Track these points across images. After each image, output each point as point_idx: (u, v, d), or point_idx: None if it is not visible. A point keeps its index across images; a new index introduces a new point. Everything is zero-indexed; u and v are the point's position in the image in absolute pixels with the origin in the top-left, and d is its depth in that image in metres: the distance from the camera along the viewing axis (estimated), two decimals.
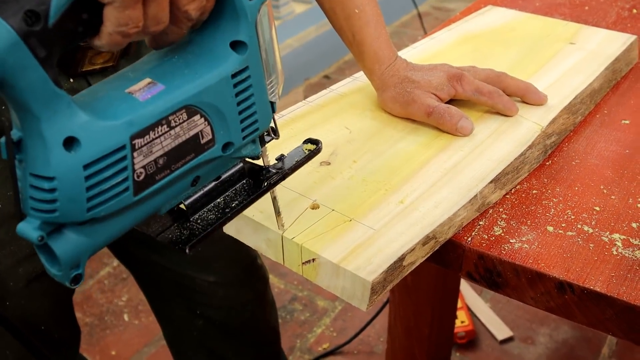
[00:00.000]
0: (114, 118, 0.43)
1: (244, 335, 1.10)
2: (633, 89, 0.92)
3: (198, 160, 0.48)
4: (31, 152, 0.40)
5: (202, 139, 0.48)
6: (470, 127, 0.76)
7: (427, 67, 0.81)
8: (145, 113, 0.44)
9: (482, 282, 0.65)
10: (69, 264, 0.43)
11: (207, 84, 0.47)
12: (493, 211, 0.68)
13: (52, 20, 0.38)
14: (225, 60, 0.48)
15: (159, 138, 0.45)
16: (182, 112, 0.46)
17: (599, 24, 1.08)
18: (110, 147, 0.42)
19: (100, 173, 0.42)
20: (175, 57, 0.48)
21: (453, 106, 0.77)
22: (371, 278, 0.55)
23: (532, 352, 1.63)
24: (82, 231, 0.43)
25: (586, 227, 0.66)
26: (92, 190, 0.42)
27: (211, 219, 0.52)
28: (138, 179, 0.44)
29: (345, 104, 0.84)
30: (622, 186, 0.71)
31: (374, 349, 1.66)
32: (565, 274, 0.60)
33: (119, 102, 0.44)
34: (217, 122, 0.49)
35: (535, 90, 0.81)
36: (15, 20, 0.36)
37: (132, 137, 0.43)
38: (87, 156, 0.41)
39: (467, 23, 1.07)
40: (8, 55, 0.36)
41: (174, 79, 0.46)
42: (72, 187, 0.41)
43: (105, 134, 0.42)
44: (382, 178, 0.69)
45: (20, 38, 0.37)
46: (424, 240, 0.61)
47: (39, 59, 0.38)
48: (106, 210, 0.43)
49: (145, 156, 0.45)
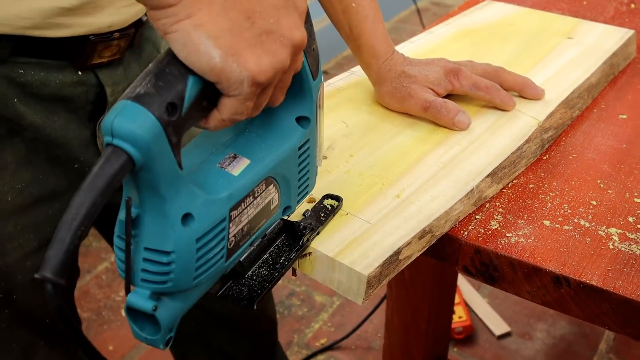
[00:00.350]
0: (216, 192, 0.47)
1: (242, 325, 1.10)
2: (630, 83, 0.92)
3: (267, 224, 0.53)
4: (150, 228, 0.43)
5: (272, 205, 0.53)
6: (467, 122, 0.75)
7: (424, 61, 0.80)
8: (240, 186, 0.48)
9: (478, 276, 0.65)
10: (168, 328, 0.46)
11: (282, 157, 0.52)
12: (490, 205, 0.68)
13: (185, 110, 0.42)
14: (293, 134, 0.53)
15: (247, 208, 0.50)
16: (262, 183, 0.51)
17: (597, 19, 1.08)
18: (215, 220, 0.46)
19: (207, 244, 0.46)
20: (247, 131, 0.53)
21: (450, 101, 0.77)
22: (367, 272, 0.55)
23: (530, 348, 1.64)
24: (179, 298, 0.46)
25: (583, 221, 0.65)
26: (200, 260, 0.46)
27: (265, 275, 0.55)
28: (230, 247, 0.49)
29: (342, 98, 0.84)
30: (619, 180, 0.71)
31: (372, 344, 1.66)
32: (562, 268, 0.60)
33: (217, 177, 0.48)
34: (283, 189, 0.54)
35: (533, 84, 0.81)
36: (160, 112, 0.40)
37: (231, 209, 0.48)
38: (199, 230, 0.45)
39: (465, 17, 1.07)
40: (153, 144, 0.40)
41: (254, 153, 0.51)
42: (185, 260, 0.44)
43: (211, 208, 0.46)
44: (378, 172, 0.69)
45: (162, 128, 0.40)
46: (420, 234, 0.61)
47: (171, 145, 0.41)
48: (206, 277, 0.47)
49: (236, 225, 0.49)
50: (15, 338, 0.81)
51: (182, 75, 0.42)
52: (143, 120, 0.39)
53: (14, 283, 0.77)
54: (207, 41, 0.42)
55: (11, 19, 0.67)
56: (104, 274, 1.87)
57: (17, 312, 0.80)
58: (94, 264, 1.90)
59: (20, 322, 0.81)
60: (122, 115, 0.39)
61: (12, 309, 0.79)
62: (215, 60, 0.42)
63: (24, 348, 0.82)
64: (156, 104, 0.40)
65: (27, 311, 0.80)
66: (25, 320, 0.81)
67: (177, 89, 0.41)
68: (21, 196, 0.75)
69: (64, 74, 0.74)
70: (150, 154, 0.40)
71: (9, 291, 0.78)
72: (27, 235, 0.77)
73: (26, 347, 0.83)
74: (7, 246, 0.75)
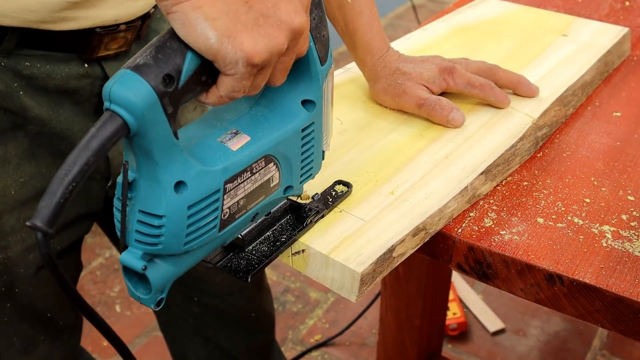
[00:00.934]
0: (212, 164, 0.49)
1: (241, 322, 1.10)
2: (625, 81, 0.92)
3: (266, 201, 0.55)
4: (144, 192, 0.46)
5: (272, 183, 0.55)
6: (461, 119, 0.75)
7: (418, 59, 0.80)
8: (237, 161, 0.50)
9: (472, 273, 0.65)
10: (158, 289, 0.49)
11: (283, 137, 0.54)
12: (483, 202, 0.68)
13: (182, 83, 0.45)
14: (298, 116, 0.55)
15: (243, 183, 0.52)
16: (262, 160, 0.53)
17: (592, 16, 1.08)
18: (209, 190, 0.48)
19: (198, 213, 0.48)
20: (253, 110, 0.55)
21: (444, 98, 0.77)
22: (360, 269, 0.55)
23: (524, 344, 1.64)
24: (171, 261, 0.49)
25: (576, 219, 0.66)
26: (191, 227, 0.48)
27: (264, 251, 0.57)
28: (224, 218, 0.51)
29: (337, 95, 0.84)
30: (613, 178, 0.71)
31: (366, 340, 1.67)
32: (555, 266, 0.60)
33: (214, 149, 0.50)
34: (284, 168, 0.56)
35: (527, 82, 0.81)
36: (156, 82, 0.43)
37: (226, 182, 0.50)
38: (191, 198, 0.47)
39: (460, 14, 1.07)
40: (147, 112, 0.43)
41: (256, 130, 0.53)
42: (176, 225, 0.47)
43: (206, 179, 0.48)
44: (373, 169, 0.69)
45: (158, 97, 0.43)
46: (414, 232, 0.61)
47: (167, 115, 0.44)
48: (198, 244, 0.49)
49: (231, 198, 0.51)
50: (17, 332, 0.82)
51: (181, 50, 0.44)
52: (139, 89, 0.42)
53: (16, 276, 0.78)
54: (204, 22, 0.43)
55: (18, 12, 0.67)
56: (98, 270, 1.87)
57: (18, 306, 0.80)
58: (88, 260, 1.89)
59: (22, 316, 0.81)
60: (120, 83, 0.42)
61: (14, 302, 0.80)
62: (211, 41, 0.44)
63: (25, 342, 0.83)
64: (153, 74, 0.43)
65: (29, 305, 0.81)
66: (26, 314, 0.82)
67: (175, 62, 0.44)
68: (24, 190, 0.75)
69: (69, 66, 0.74)
70: (144, 121, 0.43)
71: (11, 285, 0.78)
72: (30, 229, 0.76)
73: (27, 342, 0.83)
74: (9, 239, 0.76)
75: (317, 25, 0.52)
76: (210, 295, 1.04)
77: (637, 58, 0.98)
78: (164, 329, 1.15)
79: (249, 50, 0.45)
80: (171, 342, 1.16)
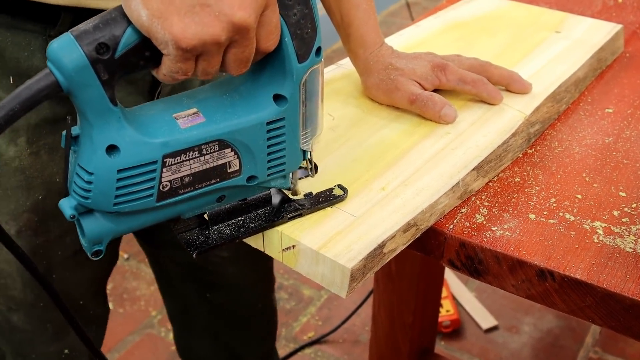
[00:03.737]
0: (153, 137, 0.51)
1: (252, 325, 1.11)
2: (617, 77, 0.92)
3: (222, 185, 0.56)
4: (82, 148, 0.50)
5: (229, 168, 0.55)
6: (453, 115, 0.75)
7: (411, 55, 0.80)
8: (181, 139, 0.52)
9: (463, 269, 0.65)
10: (92, 240, 0.53)
11: (242, 125, 0.54)
12: (475, 198, 0.68)
13: (118, 53, 0.47)
14: (265, 108, 0.54)
15: (188, 161, 0.53)
16: (214, 144, 0.53)
17: (585, 13, 1.08)
18: (143, 160, 0.51)
19: (130, 178, 0.51)
20: (226, 95, 0.55)
21: (436, 94, 0.76)
22: (350, 265, 0.55)
23: (517, 341, 1.64)
24: (108, 218, 0.53)
25: (568, 214, 0.65)
26: (121, 190, 0.51)
27: (226, 234, 0.59)
28: (163, 190, 0.53)
29: (328, 90, 0.84)
30: (604, 174, 0.71)
31: (359, 337, 1.67)
32: (546, 262, 0.60)
33: (162, 124, 0.52)
34: (246, 157, 0.55)
35: (520, 78, 0.81)
36: (89, 48, 0.46)
37: (165, 155, 0.51)
38: (122, 163, 0.50)
39: (453, 11, 1.07)
40: (75, 74, 0.46)
41: (215, 114, 0.54)
42: (104, 184, 0.50)
43: (141, 149, 0.50)
44: (364, 165, 0.68)
45: (89, 62, 0.46)
46: (405, 228, 0.60)
47: (101, 81, 0.47)
48: (129, 208, 0.52)
49: (173, 173, 0.53)
50: (50, 318, 0.84)
51: (122, 23, 0.47)
52: (71, 52, 0.46)
53: (54, 260, 0.80)
54: (137, 0, 0.46)
55: None
56: None
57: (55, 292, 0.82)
58: None
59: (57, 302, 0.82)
60: (57, 44, 0.47)
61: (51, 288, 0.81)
62: (143, 19, 0.46)
63: (56, 329, 0.85)
64: (87, 41, 0.46)
65: (64, 292, 0.83)
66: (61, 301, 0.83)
67: (113, 33, 0.47)
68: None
69: None
70: (74, 82, 0.47)
71: (48, 270, 0.81)
72: None
73: (59, 329, 0.85)
74: (49, 223, 0.78)
75: (299, 22, 0.52)
76: (222, 290, 1.04)
77: (630, 54, 0.98)
78: (174, 317, 1.16)
79: (177, 34, 0.46)
80: (178, 332, 1.17)
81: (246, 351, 1.13)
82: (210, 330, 1.09)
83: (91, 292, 0.89)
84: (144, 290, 1.79)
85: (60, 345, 0.87)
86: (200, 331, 1.11)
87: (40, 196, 0.77)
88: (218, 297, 1.04)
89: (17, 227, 0.77)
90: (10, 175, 0.75)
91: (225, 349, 1.11)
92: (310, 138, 0.59)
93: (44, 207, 0.77)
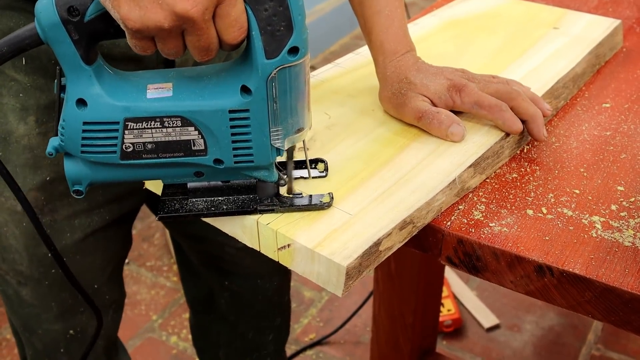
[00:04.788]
0: (118, 100, 0.57)
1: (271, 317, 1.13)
2: (614, 72, 0.92)
3: (188, 160, 0.59)
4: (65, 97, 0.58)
5: (193, 146, 0.58)
6: (461, 134, 0.71)
7: (432, 69, 0.76)
8: (142, 107, 0.57)
9: (461, 266, 0.64)
10: (71, 179, 0.61)
11: (204, 108, 0.57)
12: (473, 195, 0.68)
13: (87, 18, 0.54)
14: (230, 97, 0.56)
15: (150, 129, 0.57)
16: (177, 119, 0.57)
17: (581, 9, 1.07)
18: (106, 118, 0.57)
19: (94, 132, 0.58)
20: (204, 77, 0.58)
21: (444, 110, 0.72)
22: (346, 263, 0.54)
23: (519, 340, 1.64)
24: (86, 164, 0.60)
25: (566, 210, 0.65)
26: (86, 140, 0.58)
27: (197, 208, 0.62)
28: (126, 150, 0.58)
29: (326, 89, 0.83)
30: (602, 169, 0.71)
31: (361, 338, 1.66)
32: (545, 257, 0.59)
33: (132, 90, 0.57)
34: (210, 140, 0.58)
35: (541, 122, 0.72)
36: (62, 9, 0.53)
37: (126, 119, 0.57)
38: (88, 117, 0.57)
39: (451, 9, 1.06)
40: (49, 30, 0.54)
41: (184, 92, 0.57)
42: (72, 132, 0.58)
43: (106, 108, 0.57)
44: (360, 163, 0.68)
45: (60, 21, 0.53)
46: (401, 225, 0.60)
47: (73, 40, 0.54)
48: (94, 158, 0.59)
49: (135, 137, 0.58)
50: (55, 298, 0.87)
51: None
52: (47, 11, 0.53)
53: (63, 242, 0.83)
54: None
55: None
56: None
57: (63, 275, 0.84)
58: None
59: (65, 284, 0.85)
60: (40, 4, 0.54)
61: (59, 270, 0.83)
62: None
63: (61, 309, 0.88)
64: (62, 3, 0.53)
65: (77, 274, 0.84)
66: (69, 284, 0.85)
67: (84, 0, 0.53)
68: None
69: None
70: (49, 37, 0.54)
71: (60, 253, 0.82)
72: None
73: (64, 309, 0.88)
74: (56, 203, 0.81)
75: (270, 18, 0.53)
76: (240, 279, 1.06)
77: (627, 49, 0.98)
78: (194, 303, 1.18)
79: (123, 15, 0.51)
80: (196, 317, 1.19)
81: (262, 341, 1.14)
82: (229, 317, 1.11)
83: (105, 276, 0.90)
84: (145, 294, 1.79)
85: (65, 325, 0.89)
86: (219, 317, 1.13)
87: (47, 177, 0.79)
88: (236, 285, 1.07)
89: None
90: (20, 152, 0.78)
91: (243, 337, 1.13)
92: (283, 136, 0.58)
93: (51, 189, 0.80)
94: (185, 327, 1.70)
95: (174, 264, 1.91)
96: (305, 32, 0.54)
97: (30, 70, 0.76)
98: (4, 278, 0.86)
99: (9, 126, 0.77)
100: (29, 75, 0.75)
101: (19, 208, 0.80)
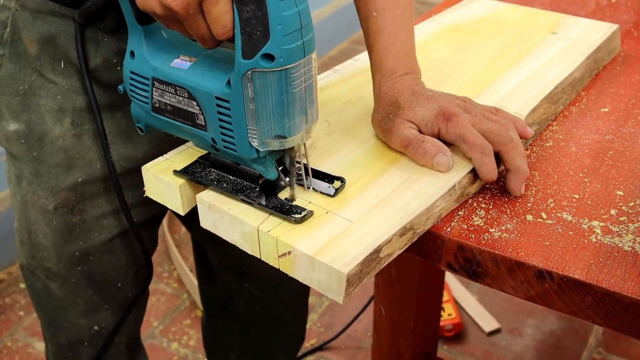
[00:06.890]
0: (152, 60, 0.66)
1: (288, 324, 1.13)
2: (612, 76, 0.92)
3: (194, 130, 0.65)
4: None
5: (197, 119, 0.64)
6: (446, 163, 0.67)
7: (428, 94, 0.72)
8: (165, 70, 0.65)
9: (462, 272, 0.64)
10: (135, 117, 0.72)
11: (199, 87, 0.62)
12: (472, 201, 0.68)
13: None
14: (217, 83, 0.60)
15: (168, 93, 0.65)
16: (184, 90, 0.63)
17: (579, 13, 1.08)
18: (142, 72, 0.67)
19: (136, 81, 0.68)
20: (220, 60, 0.63)
21: (431, 138, 0.69)
22: (346, 270, 0.54)
23: (520, 344, 1.64)
24: (141, 106, 0.69)
25: (565, 214, 0.65)
26: (132, 87, 0.69)
27: (208, 179, 0.67)
28: (155, 105, 0.67)
29: (325, 96, 0.84)
30: (601, 174, 0.71)
31: (362, 343, 1.66)
32: (545, 262, 0.59)
33: (166, 55, 0.66)
34: (207, 119, 0.63)
35: (523, 177, 0.68)
36: None
37: (154, 78, 0.66)
38: (133, 67, 0.67)
39: (449, 14, 1.07)
40: None
41: (197, 68, 0.63)
42: (126, 77, 0.69)
43: (143, 64, 0.66)
44: (360, 170, 0.68)
45: None
46: (401, 232, 0.60)
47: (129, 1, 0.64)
48: (137, 103, 0.70)
49: (159, 95, 0.66)
50: (81, 295, 0.90)
51: None
52: None
53: (91, 241, 0.86)
54: None
55: None
56: None
57: (89, 272, 0.88)
58: None
59: (90, 282, 0.89)
60: None
61: (86, 268, 0.88)
62: None
63: (87, 306, 0.91)
64: None
65: (100, 274, 0.89)
66: (94, 282, 0.89)
67: None
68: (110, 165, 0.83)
69: None
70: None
71: (86, 252, 0.87)
72: (107, 197, 0.85)
73: (90, 306, 0.91)
74: (86, 204, 0.84)
75: (249, 20, 0.54)
76: (259, 282, 1.07)
77: (625, 53, 0.98)
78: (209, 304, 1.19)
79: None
80: (210, 318, 1.20)
81: (276, 347, 1.15)
82: (244, 320, 1.12)
83: (129, 275, 0.92)
84: None
85: (90, 321, 0.92)
86: (234, 319, 1.13)
87: (79, 179, 0.82)
88: (255, 288, 1.07)
89: (55, 202, 0.83)
90: (54, 152, 0.81)
91: (256, 340, 1.13)
92: (259, 138, 0.60)
93: (82, 190, 0.83)
94: (186, 334, 1.70)
95: (174, 270, 1.91)
96: (289, 44, 0.55)
97: (68, 74, 0.78)
98: (34, 273, 0.89)
99: (45, 127, 0.80)
100: (66, 78, 0.79)
101: (50, 207, 0.83)
